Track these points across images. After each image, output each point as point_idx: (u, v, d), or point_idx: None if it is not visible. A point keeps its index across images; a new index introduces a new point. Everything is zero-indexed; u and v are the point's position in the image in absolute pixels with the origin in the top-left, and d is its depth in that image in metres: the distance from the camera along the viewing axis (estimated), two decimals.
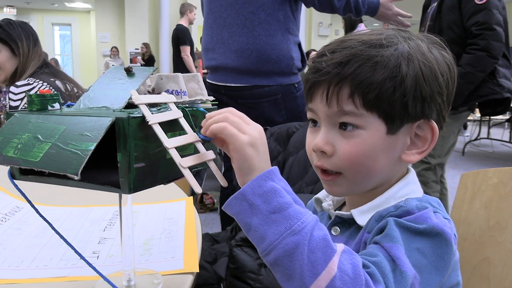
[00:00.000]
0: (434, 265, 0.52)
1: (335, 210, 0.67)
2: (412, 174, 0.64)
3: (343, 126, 0.58)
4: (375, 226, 0.56)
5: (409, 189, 0.62)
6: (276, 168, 0.52)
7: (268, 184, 0.49)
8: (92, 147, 0.44)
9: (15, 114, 0.50)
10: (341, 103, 0.57)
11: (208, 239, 1.54)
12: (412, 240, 0.52)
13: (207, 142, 0.53)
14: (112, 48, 9.00)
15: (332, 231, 0.65)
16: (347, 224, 0.63)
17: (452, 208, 0.97)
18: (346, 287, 0.46)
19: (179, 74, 0.54)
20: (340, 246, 0.49)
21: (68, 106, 0.54)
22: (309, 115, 0.63)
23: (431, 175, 2.12)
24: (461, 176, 0.97)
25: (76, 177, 0.43)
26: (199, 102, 0.56)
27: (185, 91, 0.53)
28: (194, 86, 0.54)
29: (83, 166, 0.43)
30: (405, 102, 0.56)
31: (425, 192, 0.63)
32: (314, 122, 0.62)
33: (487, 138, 5.93)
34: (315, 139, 0.60)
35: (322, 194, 0.71)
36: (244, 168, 0.51)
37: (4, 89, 1.94)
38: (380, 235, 0.53)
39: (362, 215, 0.61)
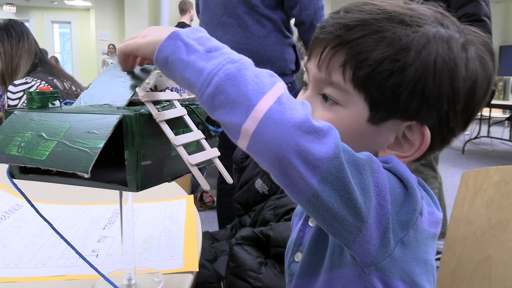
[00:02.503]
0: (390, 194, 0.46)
1: None
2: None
3: (325, 97, 0.53)
4: None
5: None
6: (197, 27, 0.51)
7: (201, 33, 0.48)
8: (101, 145, 0.43)
9: (15, 112, 0.49)
10: (331, 70, 0.51)
11: (208, 238, 1.54)
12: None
13: (216, 136, 0.53)
14: (109, 45, 8.98)
15: (309, 222, 0.62)
16: None
17: (453, 207, 0.97)
18: (297, 105, 0.42)
19: None
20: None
21: (66, 103, 0.54)
22: (305, 76, 0.58)
23: (429, 171, 2.10)
24: (462, 175, 0.97)
25: (86, 175, 0.42)
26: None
27: (184, 89, 0.52)
28: None
29: (93, 163, 0.43)
30: (398, 93, 0.49)
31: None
32: (306, 85, 0.58)
33: (487, 136, 5.93)
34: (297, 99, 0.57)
35: None
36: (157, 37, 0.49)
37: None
38: None
39: None
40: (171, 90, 0.53)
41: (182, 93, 0.52)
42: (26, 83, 1.74)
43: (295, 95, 1.84)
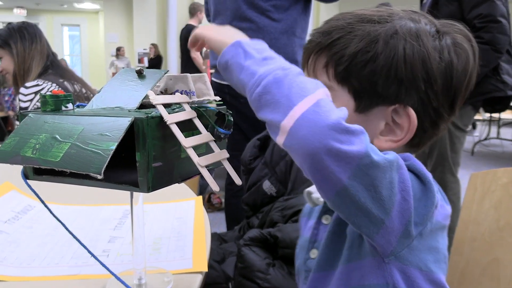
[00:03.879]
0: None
1: None
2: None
3: None
4: None
5: None
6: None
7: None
8: (114, 147, 0.44)
9: (30, 115, 0.51)
10: (316, 73, 0.58)
11: (216, 239, 1.54)
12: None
13: (225, 138, 0.54)
14: (117, 48, 9.04)
15: (323, 220, 0.65)
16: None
17: (461, 209, 0.97)
18: (328, 107, 0.46)
19: (188, 74, 0.54)
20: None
21: (79, 106, 0.55)
22: None
23: (450, 177, 2.05)
24: (470, 176, 0.97)
25: (99, 176, 0.43)
26: (206, 102, 0.57)
27: (193, 91, 0.54)
28: (201, 87, 0.55)
29: (105, 165, 0.44)
30: (375, 80, 0.55)
31: (447, 196, 0.61)
32: None
33: (497, 138, 5.89)
34: None
35: (314, 187, 0.69)
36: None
37: (6, 90, 1.98)
38: None
39: None
40: (181, 93, 0.54)
41: (191, 96, 0.53)
42: (37, 85, 1.76)
43: None
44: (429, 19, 0.60)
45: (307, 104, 0.46)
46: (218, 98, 0.57)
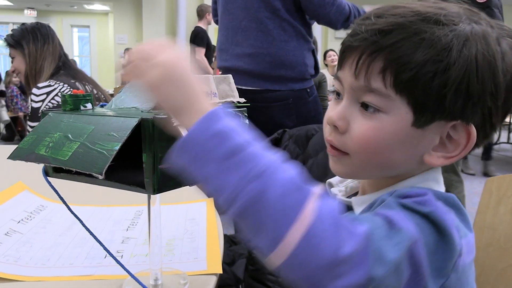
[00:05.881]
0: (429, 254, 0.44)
1: (347, 198, 0.61)
2: (434, 171, 0.56)
3: (364, 106, 0.51)
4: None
5: (424, 186, 0.53)
6: (223, 107, 0.44)
7: (220, 124, 0.42)
8: (117, 147, 0.44)
9: (49, 114, 0.51)
10: (370, 77, 0.50)
11: (226, 241, 1.54)
12: (411, 217, 0.45)
13: None
14: (127, 49, 9.09)
15: None
16: (353, 213, 0.57)
17: (476, 214, 0.96)
18: (325, 233, 0.39)
19: (210, 75, 0.54)
20: (317, 188, 0.41)
21: (102, 106, 0.55)
22: (336, 85, 0.56)
23: (453, 176, 2.07)
24: (486, 181, 0.96)
25: (100, 177, 0.43)
26: (230, 104, 0.56)
27: (215, 93, 0.53)
28: (225, 88, 0.54)
29: (107, 165, 0.44)
30: (443, 93, 0.48)
31: (450, 192, 0.57)
32: (339, 95, 0.56)
33: (507, 142, 5.83)
34: (332, 111, 0.54)
35: (336, 178, 0.65)
36: (174, 109, 0.45)
37: (13, 91, 2.00)
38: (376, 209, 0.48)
39: (361, 205, 0.55)
40: None
41: (213, 97, 0.53)
42: (49, 86, 1.78)
43: (314, 100, 1.82)
44: (486, 19, 0.53)
45: (295, 236, 0.38)
46: (243, 100, 0.56)
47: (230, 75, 0.56)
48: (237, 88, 1.83)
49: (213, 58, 5.57)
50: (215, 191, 0.42)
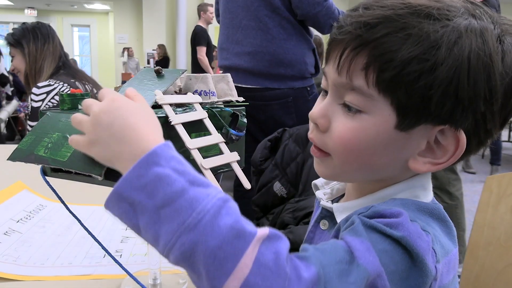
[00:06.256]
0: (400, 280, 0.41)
1: (332, 201, 0.58)
2: (422, 177, 0.51)
3: (346, 106, 0.47)
4: (343, 228, 0.46)
5: (411, 193, 0.50)
6: (160, 145, 0.41)
7: (150, 172, 0.39)
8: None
9: (47, 113, 0.51)
10: (352, 74, 0.46)
11: None
12: (381, 241, 0.41)
13: (237, 139, 0.53)
14: (128, 48, 9.09)
15: (320, 225, 0.57)
16: (335, 219, 0.54)
17: (476, 212, 0.95)
18: (266, 283, 0.36)
19: (208, 74, 0.54)
20: (262, 231, 0.39)
21: None
22: (322, 80, 0.52)
23: (450, 174, 2.07)
24: (486, 180, 0.95)
25: (100, 178, 0.43)
26: (228, 102, 0.56)
27: (213, 92, 0.53)
28: (223, 87, 0.54)
29: (106, 166, 0.44)
30: (429, 95, 0.43)
31: (450, 192, 0.55)
32: (326, 91, 0.52)
33: (508, 141, 5.82)
34: (315, 108, 0.51)
35: (321, 180, 0.61)
36: (108, 162, 0.43)
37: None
38: (345, 231, 0.44)
39: (343, 212, 0.52)
40: (199, 94, 0.54)
41: (211, 96, 0.52)
42: (49, 85, 1.78)
43: (314, 98, 1.81)
44: (490, 14, 0.48)
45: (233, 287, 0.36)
46: (241, 98, 0.56)
47: (229, 74, 0.56)
48: (237, 87, 1.84)
49: (213, 57, 5.57)
50: (151, 240, 0.40)
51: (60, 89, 1.79)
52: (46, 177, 0.52)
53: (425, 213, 0.47)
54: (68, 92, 0.53)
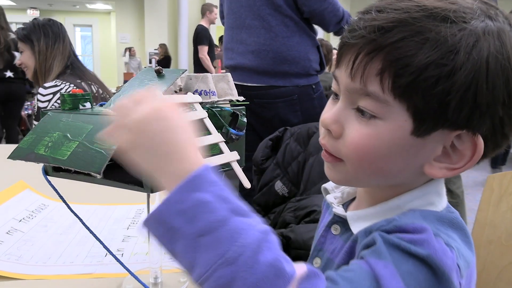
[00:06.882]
0: None
1: (343, 205, 0.58)
2: (436, 183, 0.51)
3: (360, 111, 0.46)
4: (362, 241, 0.46)
5: (426, 200, 0.49)
6: (203, 168, 0.40)
7: (192, 197, 0.38)
8: (115, 146, 0.44)
9: (48, 113, 0.51)
10: (366, 80, 0.44)
11: None
12: (404, 261, 0.40)
13: (237, 139, 0.53)
14: (131, 48, 9.10)
15: (332, 229, 0.57)
16: (347, 224, 0.53)
17: (477, 211, 0.95)
18: None
19: (209, 74, 0.54)
20: (301, 269, 0.38)
21: (101, 105, 0.55)
22: (333, 84, 0.51)
23: None
24: (487, 178, 0.95)
25: (98, 176, 0.43)
26: (228, 102, 0.56)
27: (214, 91, 0.53)
28: (224, 86, 0.54)
29: (105, 165, 0.44)
30: (447, 101, 0.42)
31: (451, 190, 0.54)
32: (336, 95, 0.51)
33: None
34: (327, 112, 0.49)
35: (331, 184, 0.60)
36: (148, 174, 0.41)
37: None
38: (367, 250, 0.43)
39: (358, 221, 0.51)
40: (200, 93, 0.54)
41: (211, 95, 0.53)
42: (56, 85, 1.78)
43: (319, 96, 1.82)
44: (504, 14, 0.47)
45: None
46: (242, 98, 0.56)
47: (229, 74, 0.56)
48: (243, 85, 1.83)
49: (215, 56, 5.57)
50: (185, 266, 0.39)
51: (66, 89, 1.79)
52: (48, 176, 0.52)
53: (445, 223, 0.46)
54: None
